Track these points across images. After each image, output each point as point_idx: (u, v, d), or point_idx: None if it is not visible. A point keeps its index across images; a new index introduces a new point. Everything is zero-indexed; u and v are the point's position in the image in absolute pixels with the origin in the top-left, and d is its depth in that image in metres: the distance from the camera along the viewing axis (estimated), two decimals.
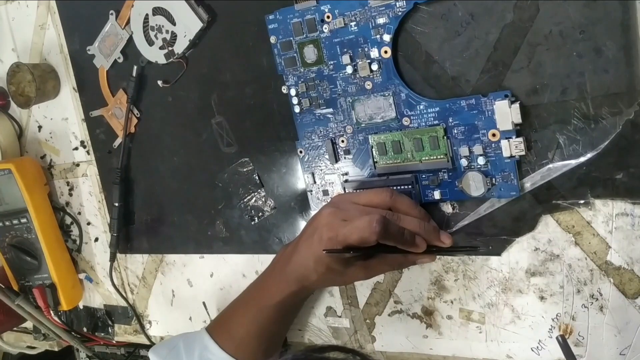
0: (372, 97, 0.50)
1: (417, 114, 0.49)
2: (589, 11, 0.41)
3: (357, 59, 0.50)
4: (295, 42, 0.53)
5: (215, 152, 0.62)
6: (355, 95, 0.51)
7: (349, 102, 0.52)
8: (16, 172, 0.72)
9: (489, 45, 0.45)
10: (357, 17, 0.49)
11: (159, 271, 0.71)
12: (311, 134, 0.55)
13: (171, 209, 0.67)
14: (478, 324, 0.52)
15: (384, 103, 0.50)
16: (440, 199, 0.50)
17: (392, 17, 0.47)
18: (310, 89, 0.53)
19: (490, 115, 0.45)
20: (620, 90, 0.41)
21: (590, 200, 0.44)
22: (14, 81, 0.72)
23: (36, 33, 0.72)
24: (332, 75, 0.52)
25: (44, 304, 0.75)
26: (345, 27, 0.50)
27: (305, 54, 0.52)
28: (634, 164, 0.42)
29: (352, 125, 0.52)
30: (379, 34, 0.48)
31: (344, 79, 0.51)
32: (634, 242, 0.43)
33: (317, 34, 0.51)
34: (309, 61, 0.52)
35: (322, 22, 0.51)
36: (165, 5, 0.58)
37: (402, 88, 0.49)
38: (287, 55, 0.53)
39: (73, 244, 0.78)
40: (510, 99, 0.44)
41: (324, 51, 0.51)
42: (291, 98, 0.54)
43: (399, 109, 0.50)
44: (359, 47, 0.50)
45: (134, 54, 0.63)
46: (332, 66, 0.52)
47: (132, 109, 0.65)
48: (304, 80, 0.53)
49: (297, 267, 0.51)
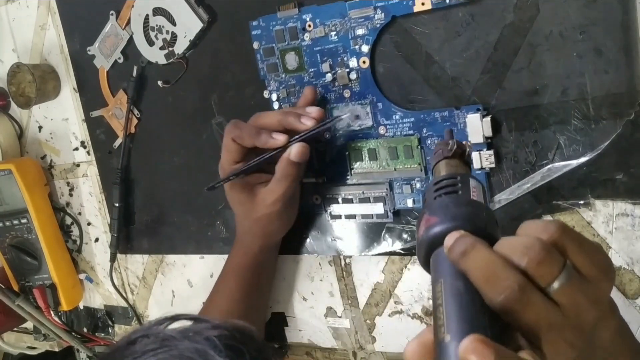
0: (350, 105, 0.52)
1: (392, 123, 0.50)
2: (589, 11, 0.41)
3: (336, 67, 0.51)
4: (277, 48, 0.54)
5: (215, 153, 0.61)
6: (334, 102, 0.53)
7: (328, 109, 0.53)
8: (16, 173, 0.72)
9: (489, 45, 0.45)
10: (337, 27, 0.50)
11: (159, 271, 0.71)
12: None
13: (171, 210, 0.67)
14: None
15: (362, 111, 0.51)
16: (412, 207, 0.51)
17: (371, 28, 0.49)
18: (290, 95, 0.55)
19: (463, 127, 0.47)
20: (621, 90, 0.41)
21: (591, 201, 0.44)
22: (15, 81, 0.72)
23: (36, 33, 0.72)
24: (312, 82, 0.53)
25: (44, 304, 0.75)
26: (325, 36, 0.51)
27: (287, 60, 0.54)
28: (634, 165, 0.42)
29: (330, 132, 0.53)
30: (358, 44, 0.50)
31: (323, 86, 0.53)
32: (634, 242, 0.43)
33: (298, 42, 0.52)
34: (290, 68, 0.54)
35: (303, 30, 0.52)
36: (166, 5, 0.58)
37: (379, 98, 0.50)
38: (270, 61, 0.55)
39: (73, 245, 0.78)
40: (482, 113, 0.45)
41: (305, 59, 0.53)
42: (272, 103, 0.56)
43: (376, 117, 0.51)
44: (339, 57, 0.51)
45: (134, 54, 0.63)
46: (313, 73, 0.53)
47: (133, 109, 0.65)
48: (285, 87, 0.55)
49: (236, 225, 0.56)
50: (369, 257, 0.55)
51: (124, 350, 0.32)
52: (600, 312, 0.29)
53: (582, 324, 0.28)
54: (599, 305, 0.29)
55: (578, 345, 0.28)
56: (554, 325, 0.28)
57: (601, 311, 0.29)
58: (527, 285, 0.28)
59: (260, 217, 0.53)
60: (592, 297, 0.28)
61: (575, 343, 0.28)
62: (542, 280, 0.28)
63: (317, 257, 0.59)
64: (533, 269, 0.28)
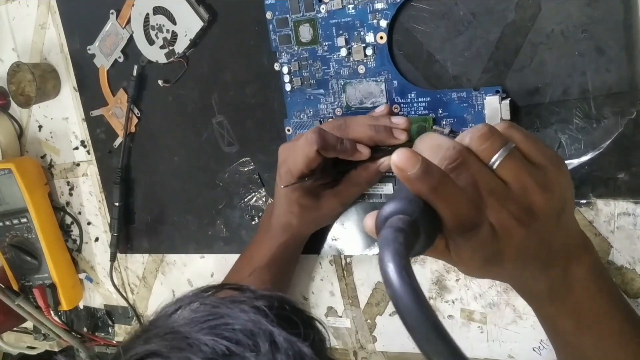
0: (364, 82, 0.51)
1: (407, 102, 0.49)
2: (591, 10, 0.41)
3: (352, 42, 0.50)
4: (291, 19, 0.52)
5: (216, 152, 0.62)
6: (348, 78, 0.51)
7: (340, 84, 0.52)
8: (16, 172, 0.72)
9: (490, 44, 0.45)
10: (356, 0, 0.49)
11: (159, 271, 0.71)
12: (300, 114, 0.55)
13: (172, 209, 0.67)
14: (479, 324, 0.51)
15: (376, 89, 0.50)
16: None
17: (390, 3, 0.47)
18: (302, 68, 0.53)
19: (480, 109, 0.45)
20: (622, 89, 0.41)
21: (592, 200, 0.44)
22: (14, 81, 0.72)
23: (36, 32, 0.72)
24: (325, 56, 0.52)
25: (44, 304, 0.75)
26: (342, 9, 0.50)
27: (301, 32, 0.52)
28: (636, 164, 0.42)
29: (342, 108, 0.52)
30: (376, 19, 0.48)
31: (337, 61, 0.51)
32: (636, 241, 0.43)
33: (314, 14, 0.51)
34: (304, 40, 0.52)
35: (319, 1, 0.50)
36: (166, 4, 0.58)
37: (394, 75, 0.49)
38: (282, 33, 0.53)
39: (73, 244, 0.78)
40: (501, 95, 0.44)
41: (320, 31, 0.51)
42: (283, 76, 0.54)
43: (390, 95, 0.50)
44: (355, 31, 0.50)
45: (134, 53, 0.63)
46: (327, 47, 0.51)
47: (133, 108, 0.65)
48: (297, 59, 0.53)
49: (277, 217, 0.52)
50: (370, 256, 0.55)
51: (170, 316, 0.31)
52: (553, 202, 0.31)
53: (531, 205, 0.31)
54: (550, 193, 0.31)
55: (527, 223, 0.31)
56: (495, 192, 0.30)
57: (555, 202, 0.31)
58: (468, 152, 0.31)
59: (318, 218, 0.52)
60: (540, 181, 0.31)
61: (522, 219, 0.31)
62: (484, 153, 0.31)
63: (317, 257, 0.59)
64: (474, 143, 0.31)
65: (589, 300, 0.35)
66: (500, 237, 0.31)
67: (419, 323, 0.23)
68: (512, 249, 0.31)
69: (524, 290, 0.37)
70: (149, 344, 0.28)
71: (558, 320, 0.37)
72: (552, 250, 0.33)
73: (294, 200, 0.49)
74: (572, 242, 0.34)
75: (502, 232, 0.31)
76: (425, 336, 0.23)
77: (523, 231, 0.31)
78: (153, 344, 0.28)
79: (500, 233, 0.31)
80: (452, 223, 0.30)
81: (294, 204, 0.50)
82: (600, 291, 0.36)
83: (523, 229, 0.31)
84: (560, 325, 0.37)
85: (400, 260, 0.25)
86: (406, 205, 0.29)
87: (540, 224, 0.31)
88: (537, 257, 0.33)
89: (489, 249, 0.31)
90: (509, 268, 0.33)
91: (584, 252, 0.35)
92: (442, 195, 0.29)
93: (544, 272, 0.34)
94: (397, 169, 0.30)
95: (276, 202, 0.52)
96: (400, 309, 0.24)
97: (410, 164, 0.29)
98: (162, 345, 0.28)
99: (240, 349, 0.27)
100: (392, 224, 0.28)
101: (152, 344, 0.28)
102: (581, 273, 0.34)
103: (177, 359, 0.27)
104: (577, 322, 0.36)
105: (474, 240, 0.31)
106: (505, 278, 0.37)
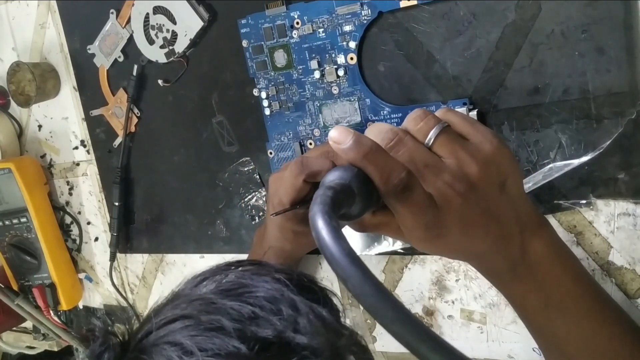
0: (339, 102, 0.52)
1: (381, 119, 0.51)
2: (591, 10, 0.41)
3: (324, 64, 0.52)
4: (266, 46, 0.54)
5: (215, 152, 0.62)
6: (323, 99, 0.53)
7: (316, 105, 0.53)
8: (16, 172, 0.72)
9: (490, 44, 0.45)
10: (325, 24, 0.51)
11: (159, 271, 0.71)
12: (281, 136, 0.56)
13: (171, 209, 0.67)
14: (479, 324, 0.51)
15: (350, 108, 0.52)
16: None
17: (358, 24, 0.49)
18: (280, 92, 0.55)
19: None
20: (623, 89, 0.41)
21: (592, 200, 0.44)
22: (14, 80, 0.72)
23: (36, 32, 0.72)
24: (301, 80, 0.53)
25: (43, 303, 0.75)
26: (313, 33, 0.51)
27: (276, 58, 0.54)
28: (636, 164, 0.42)
29: (320, 129, 0.54)
30: (346, 40, 0.50)
31: (312, 83, 0.53)
32: (636, 242, 0.43)
33: (287, 39, 0.53)
34: (279, 65, 0.54)
35: (291, 27, 0.52)
36: (166, 4, 0.58)
37: (366, 94, 0.51)
38: (258, 59, 0.55)
39: (73, 244, 0.78)
40: (468, 107, 0.46)
41: (294, 56, 0.53)
42: (262, 101, 0.56)
43: (364, 113, 0.51)
44: (327, 53, 0.52)
45: (134, 53, 0.63)
46: (301, 71, 0.53)
47: (133, 108, 0.65)
48: (274, 84, 0.55)
49: (270, 242, 0.52)
50: (370, 256, 0.55)
51: (196, 286, 0.32)
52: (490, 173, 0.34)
53: (467, 175, 0.33)
54: (485, 165, 0.34)
55: (462, 192, 0.33)
56: (430, 165, 0.33)
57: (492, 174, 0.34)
58: (404, 132, 0.34)
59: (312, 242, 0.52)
60: (474, 154, 0.34)
61: (458, 188, 0.33)
62: (419, 133, 0.35)
63: (317, 257, 0.59)
64: (410, 124, 0.35)
65: (554, 279, 0.36)
66: (440, 206, 0.33)
67: (339, 257, 0.25)
68: (454, 219, 0.33)
69: (484, 269, 0.38)
70: (178, 308, 0.30)
71: (526, 299, 0.37)
72: (502, 223, 0.34)
73: (288, 228, 0.49)
74: (525, 218, 0.36)
75: (440, 201, 0.33)
76: (343, 269, 0.25)
77: (460, 200, 0.33)
78: (182, 308, 0.30)
79: (439, 202, 0.33)
80: (384, 185, 0.32)
81: (288, 231, 0.50)
82: (564, 271, 0.36)
83: (460, 198, 0.33)
84: (529, 305, 0.38)
85: (324, 207, 0.28)
86: (341, 172, 0.32)
87: (479, 194, 0.33)
88: (484, 229, 0.34)
89: (429, 214, 0.33)
90: (456, 240, 0.35)
91: (538, 227, 0.36)
92: (371, 160, 0.32)
93: (501, 248, 0.35)
94: (333, 143, 0.33)
95: (268, 228, 0.51)
96: (321, 245, 0.26)
97: (344, 137, 0.32)
98: (192, 309, 0.29)
99: (264, 313, 0.29)
100: (324, 184, 0.32)
101: (180, 308, 0.30)
102: (539, 248, 0.36)
103: (206, 321, 0.28)
104: (545, 303, 0.36)
105: (409, 202, 0.33)
106: (457, 252, 0.38)
